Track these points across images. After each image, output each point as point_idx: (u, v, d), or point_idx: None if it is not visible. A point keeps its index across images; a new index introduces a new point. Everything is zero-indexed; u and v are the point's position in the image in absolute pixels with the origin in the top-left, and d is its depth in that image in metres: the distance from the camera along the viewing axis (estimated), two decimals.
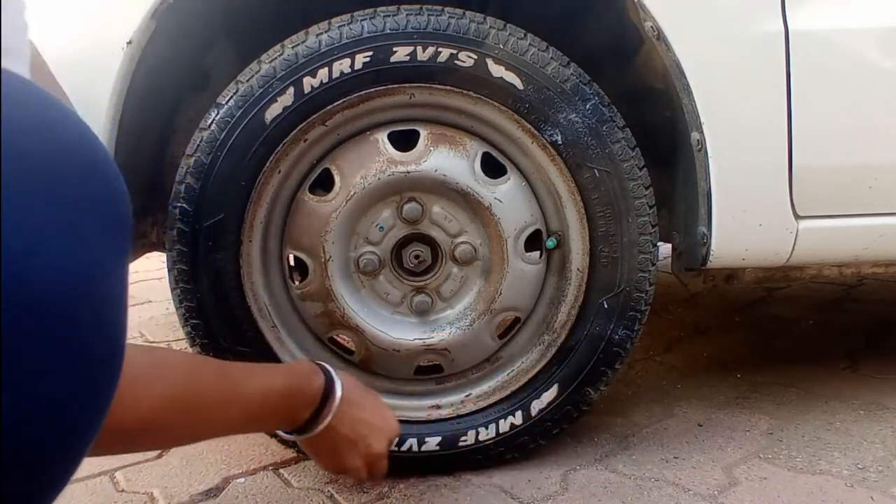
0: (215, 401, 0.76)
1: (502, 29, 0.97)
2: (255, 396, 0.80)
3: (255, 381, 0.82)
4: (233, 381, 0.80)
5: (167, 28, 0.98)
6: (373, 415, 0.92)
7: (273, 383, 0.83)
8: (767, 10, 0.98)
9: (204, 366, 0.81)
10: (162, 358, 0.76)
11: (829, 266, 1.12)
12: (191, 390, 0.72)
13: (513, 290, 1.04)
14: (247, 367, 0.86)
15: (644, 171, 1.02)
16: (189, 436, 0.79)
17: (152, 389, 0.67)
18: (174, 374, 0.71)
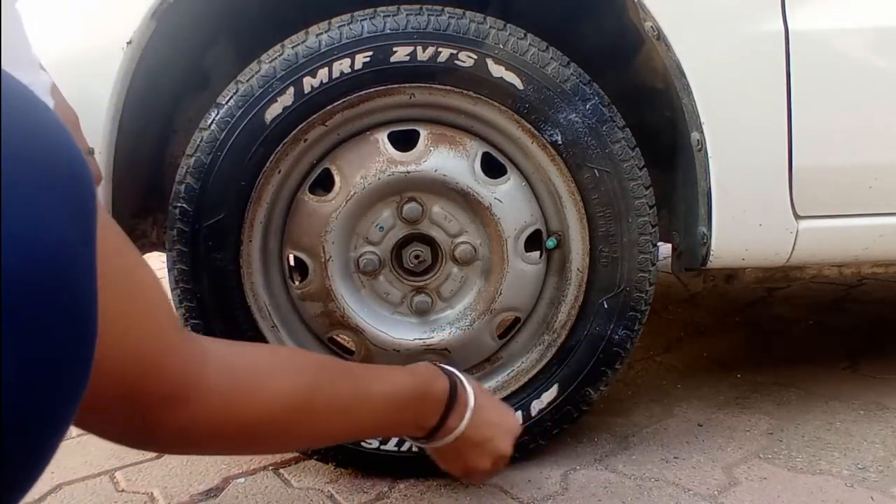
0: (341, 401, 0.72)
1: (502, 29, 0.97)
2: (382, 398, 0.77)
3: (382, 383, 0.78)
4: (360, 381, 0.76)
5: (167, 28, 0.98)
6: (497, 415, 0.89)
7: (401, 385, 0.79)
8: (767, 10, 0.98)
9: (330, 364, 0.77)
10: (285, 356, 0.73)
11: (829, 266, 1.12)
12: (316, 389, 0.69)
13: (513, 290, 1.04)
14: (372, 369, 0.83)
15: (644, 171, 1.02)
16: (311, 436, 0.75)
17: (275, 385, 0.64)
18: (299, 371, 0.68)
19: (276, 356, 0.71)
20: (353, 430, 0.78)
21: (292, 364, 0.69)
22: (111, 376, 0.50)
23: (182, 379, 0.56)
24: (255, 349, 0.72)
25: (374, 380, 0.77)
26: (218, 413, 0.60)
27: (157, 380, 0.54)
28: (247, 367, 0.63)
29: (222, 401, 0.60)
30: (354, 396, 0.74)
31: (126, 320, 0.50)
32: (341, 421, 0.73)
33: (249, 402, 0.62)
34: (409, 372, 0.82)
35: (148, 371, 0.53)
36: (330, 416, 0.71)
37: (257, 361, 0.65)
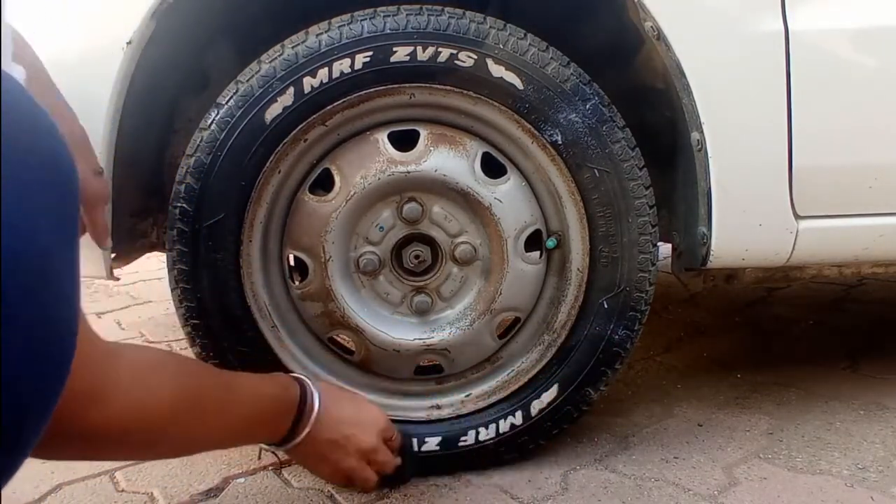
0: (214, 401, 0.76)
1: (502, 29, 0.97)
2: (248, 400, 0.81)
3: (247, 385, 0.82)
4: (228, 383, 0.80)
5: (167, 28, 0.98)
6: (353, 413, 0.93)
7: (262, 389, 0.84)
8: (767, 10, 0.98)
9: (210, 370, 0.82)
10: (178, 359, 0.77)
11: (829, 266, 1.12)
12: (192, 389, 0.72)
13: (513, 290, 1.04)
14: (235, 374, 0.87)
15: (644, 171, 1.02)
16: (183, 441, 0.78)
17: (176, 384, 0.68)
18: (176, 373, 0.72)
19: (170, 358, 0.75)
20: (224, 432, 0.81)
21: (185, 367, 0.74)
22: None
23: (95, 376, 0.58)
24: (153, 352, 0.76)
25: (238, 383, 0.82)
26: (128, 411, 0.62)
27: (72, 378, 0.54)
28: (152, 369, 0.67)
29: (130, 398, 0.63)
30: (224, 397, 0.78)
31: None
32: (213, 423, 0.77)
33: (154, 401, 0.65)
34: (268, 379, 0.88)
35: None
36: (210, 418, 0.76)
37: (159, 363, 0.69)
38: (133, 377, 0.64)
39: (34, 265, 0.37)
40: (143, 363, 0.68)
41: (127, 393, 0.63)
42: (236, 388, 0.81)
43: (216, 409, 0.77)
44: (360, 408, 0.95)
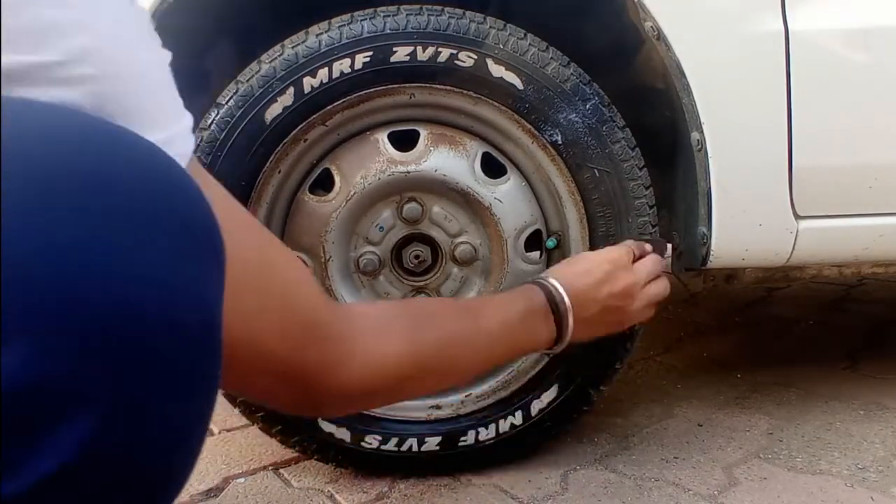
0: (461, 338, 0.75)
1: (502, 29, 0.97)
2: (497, 325, 0.79)
3: (492, 309, 0.81)
4: (471, 312, 0.79)
5: (167, 28, 0.98)
6: (591, 272, 0.89)
7: (509, 307, 0.82)
8: (767, 10, 0.97)
9: (450, 307, 0.81)
10: (414, 307, 0.78)
11: (829, 266, 1.12)
12: (432, 332, 0.71)
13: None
14: (478, 301, 0.87)
15: (644, 171, 1.02)
16: (451, 374, 0.77)
17: (414, 335, 0.68)
18: (413, 318, 0.71)
19: (406, 308, 0.76)
20: (481, 359, 0.80)
21: (421, 310, 0.74)
22: (270, 356, 0.54)
23: (334, 344, 0.60)
24: (388, 307, 0.77)
25: (487, 309, 0.80)
26: (372, 368, 0.63)
27: (311, 350, 0.58)
28: (387, 322, 0.68)
29: (374, 356, 0.64)
30: (476, 329, 0.77)
31: (280, 301, 0.54)
32: (472, 354, 0.76)
33: (395, 354, 0.66)
34: (514, 294, 0.86)
35: (301, 345, 0.57)
36: (459, 352, 0.75)
37: (393, 316, 0.70)
38: (369, 335, 0.65)
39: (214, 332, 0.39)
40: (376, 316, 0.68)
41: (362, 355, 0.63)
42: (482, 316, 0.79)
43: (463, 344, 0.75)
44: (595, 264, 0.90)
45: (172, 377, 0.36)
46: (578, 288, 0.87)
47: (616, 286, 0.89)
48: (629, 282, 0.90)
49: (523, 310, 0.82)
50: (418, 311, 0.74)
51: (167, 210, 0.37)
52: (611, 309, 0.89)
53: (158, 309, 0.34)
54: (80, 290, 0.32)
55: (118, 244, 0.34)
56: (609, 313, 0.89)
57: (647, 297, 0.93)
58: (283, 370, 0.57)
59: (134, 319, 0.33)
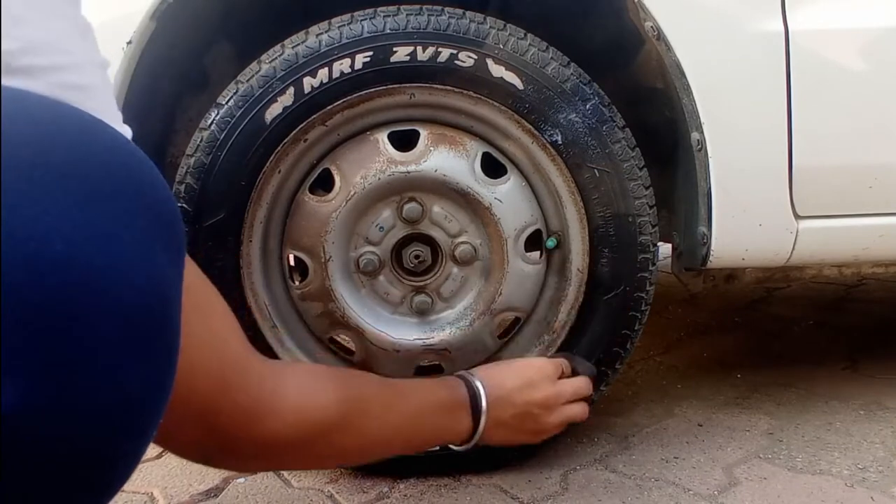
0: (381, 405, 0.76)
1: (502, 29, 0.97)
2: (416, 401, 0.82)
3: (413, 387, 0.84)
4: (394, 386, 0.81)
5: (167, 28, 0.98)
6: (517, 378, 0.92)
7: (430, 388, 0.85)
8: (767, 10, 0.98)
9: (364, 375, 0.84)
10: (322, 369, 0.79)
11: (829, 266, 1.12)
12: (357, 394, 0.73)
13: (513, 291, 1.04)
14: (400, 380, 0.88)
15: (644, 171, 1.02)
16: (357, 447, 0.78)
17: (317, 397, 0.68)
18: (340, 380, 0.73)
19: (334, 371, 0.78)
20: (393, 436, 0.81)
21: (349, 374, 0.77)
22: (193, 398, 0.54)
23: (262, 395, 0.61)
24: (317, 367, 0.80)
25: (409, 386, 0.83)
26: (293, 422, 0.64)
27: (235, 398, 0.58)
28: (313, 378, 0.70)
29: (295, 411, 0.64)
30: (397, 401, 0.79)
31: (205, 346, 0.55)
32: (388, 425, 0.78)
33: (319, 408, 0.67)
34: (436, 381, 0.89)
35: (227, 390, 0.57)
36: (379, 421, 0.76)
37: (321, 376, 0.71)
38: (298, 388, 0.66)
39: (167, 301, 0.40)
40: (305, 373, 0.70)
41: (293, 404, 0.64)
42: (403, 391, 0.82)
43: (384, 412, 0.77)
44: (520, 370, 0.94)
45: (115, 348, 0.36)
46: (500, 389, 0.90)
47: (536, 395, 0.91)
48: (550, 393, 0.92)
49: (444, 398, 0.86)
50: (345, 374, 0.77)
51: (129, 189, 0.38)
52: (527, 416, 0.91)
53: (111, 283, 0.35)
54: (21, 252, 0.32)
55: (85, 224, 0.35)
56: (525, 420, 0.92)
57: (564, 415, 0.95)
58: (206, 411, 0.56)
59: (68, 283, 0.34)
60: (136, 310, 0.36)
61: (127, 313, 0.36)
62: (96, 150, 0.37)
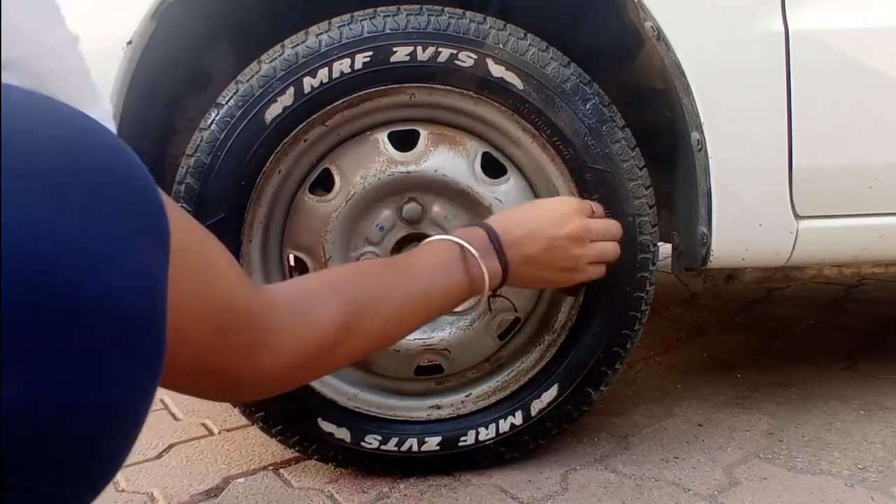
0: (379, 298, 0.73)
1: (502, 29, 0.97)
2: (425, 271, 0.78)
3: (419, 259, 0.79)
4: (392, 270, 0.77)
5: (167, 28, 0.98)
6: (535, 215, 0.88)
7: (434, 253, 0.81)
8: (767, 10, 0.97)
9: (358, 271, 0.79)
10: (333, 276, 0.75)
11: (829, 266, 1.12)
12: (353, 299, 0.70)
13: (513, 290, 1.03)
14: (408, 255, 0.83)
15: (644, 171, 1.01)
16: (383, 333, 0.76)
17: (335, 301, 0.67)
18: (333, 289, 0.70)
19: (325, 278, 0.74)
20: (415, 311, 0.77)
21: (339, 285, 0.72)
22: (194, 341, 0.54)
23: (257, 328, 0.60)
24: (307, 280, 0.75)
25: (415, 260, 0.79)
26: (292, 347, 0.63)
27: (235, 335, 0.58)
28: (305, 297, 0.67)
29: (293, 336, 0.63)
30: (402, 282, 0.75)
31: (200, 287, 0.54)
32: (400, 307, 0.75)
33: (316, 327, 0.65)
34: (439, 242, 0.83)
35: (225, 329, 0.57)
36: (388, 308, 0.73)
37: (312, 288, 0.69)
38: (292, 315, 0.64)
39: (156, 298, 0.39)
40: (298, 295, 0.68)
41: (290, 334, 0.63)
42: (405, 269, 0.77)
43: (387, 301, 0.74)
44: (546, 206, 0.90)
45: (107, 344, 0.36)
46: (524, 227, 0.85)
47: (564, 228, 0.87)
48: (578, 225, 0.88)
49: (449, 257, 0.81)
50: (338, 280, 0.72)
51: (114, 185, 0.38)
52: (557, 250, 0.87)
53: (88, 275, 0.35)
54: (14, 253, 0.32)
55: (61, 212, 0.34)
56: (555, 255, 0.87)
57: (598, 251, 0.91)
58: (204, 353, 0.57)
59: (61, 282, 0.34)
60: (128, 305, 0.36)
61: (119, 309, 0.36)
62: (79, 144, 0.37)
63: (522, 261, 0.85)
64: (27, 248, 0.33)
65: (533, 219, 0.87)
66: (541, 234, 0.86)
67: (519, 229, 0.85)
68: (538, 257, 0.86)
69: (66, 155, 0.36)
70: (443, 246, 0.82)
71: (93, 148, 0.38)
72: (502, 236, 0.84)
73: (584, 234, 0.89)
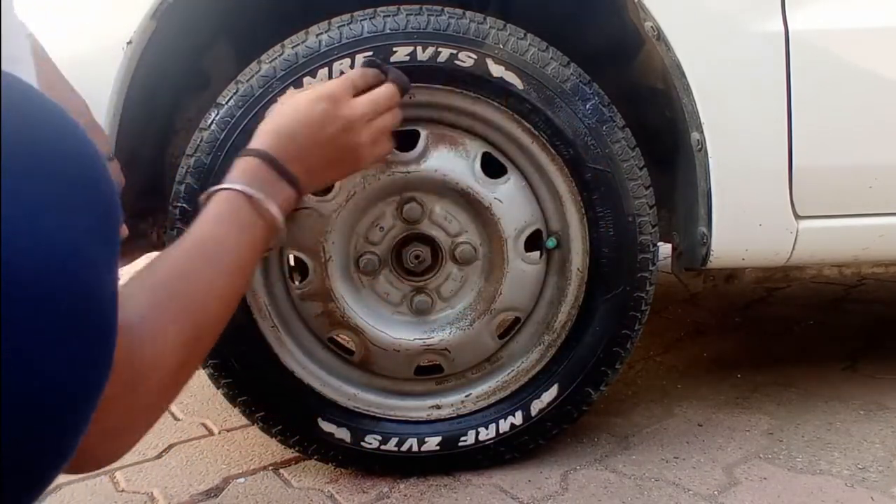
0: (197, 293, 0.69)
1: (502, 29, 0.97)
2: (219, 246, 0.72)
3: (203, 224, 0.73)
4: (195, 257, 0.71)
5: (167, 28, 0.98)
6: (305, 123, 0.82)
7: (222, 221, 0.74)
8: (767, 10, 0.98)
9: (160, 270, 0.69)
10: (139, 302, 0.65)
11: (829, 266, 1.12)
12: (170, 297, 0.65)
13: (513, 290, 1.04)
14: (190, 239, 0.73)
15: (644, 171, 1.02)
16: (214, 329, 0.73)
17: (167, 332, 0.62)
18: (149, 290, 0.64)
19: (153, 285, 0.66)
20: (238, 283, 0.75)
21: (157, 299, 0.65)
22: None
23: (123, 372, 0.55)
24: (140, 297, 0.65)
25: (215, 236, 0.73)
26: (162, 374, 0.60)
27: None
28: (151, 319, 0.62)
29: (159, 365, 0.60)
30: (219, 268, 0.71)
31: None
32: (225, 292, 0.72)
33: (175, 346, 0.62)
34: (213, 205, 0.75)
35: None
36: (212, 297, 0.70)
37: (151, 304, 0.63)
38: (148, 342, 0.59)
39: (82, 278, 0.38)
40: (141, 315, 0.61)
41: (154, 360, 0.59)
42: (212, 244, 0.72)
43: (207, 290, 0.70)
44: (298, 111, 0.83)
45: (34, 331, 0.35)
46: (294, 134, 0.80)
47: (331, 126, 0.82)
48: (344, 116, 0.83)
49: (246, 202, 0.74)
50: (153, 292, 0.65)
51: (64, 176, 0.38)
52: (333, 150, 0.82)
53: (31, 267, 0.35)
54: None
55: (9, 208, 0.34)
56: (334, 154, 0.83)
57: (374, 130, 0.86)
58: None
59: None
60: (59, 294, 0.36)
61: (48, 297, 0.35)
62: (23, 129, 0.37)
63: (306, 172, 0.80)
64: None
65: (298, 126, 0.81)
66: (311, 140, 0.81)
67: (291, 144, 0.80)
68: (318, 163, 0.82)
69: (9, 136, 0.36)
70: (231, 200, 0.75)
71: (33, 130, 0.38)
72: (279, 158, 0.79)
73: (350, 124, 0.84)
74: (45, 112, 0.39)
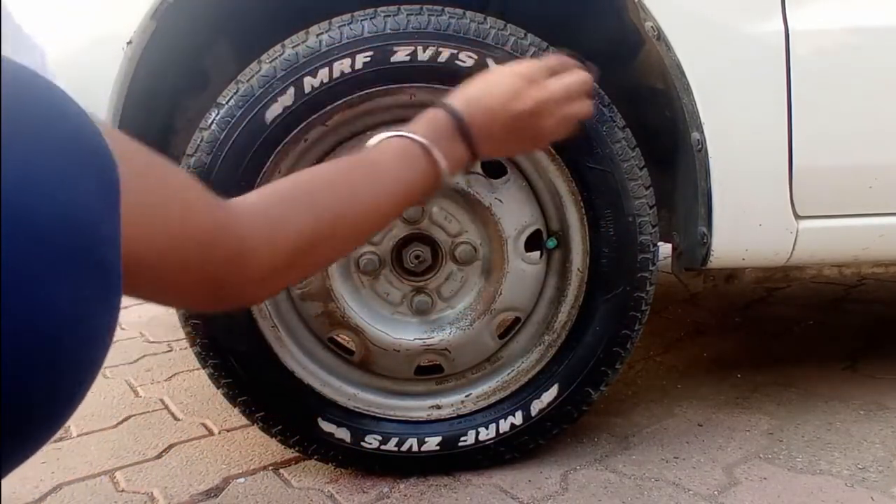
0: (345, 202, 0.71)
1: (503, 29, 0.97)
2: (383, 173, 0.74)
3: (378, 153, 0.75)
4: (354, 171, 0.74)
5: (167, 28, 0.98)
6: (500, 94, 0.82)
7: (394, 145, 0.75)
8: (767, 10, 0.98)
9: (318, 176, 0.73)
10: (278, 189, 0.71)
11: (829, 266, 1.12)
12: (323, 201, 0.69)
13: (513, 290, 1.04)
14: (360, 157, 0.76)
15: (644, 171, 1.02)
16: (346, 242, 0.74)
17: (285, 222, 0.66)
18: (301, 192, 0.69)
19: (298, 184, 0.71)
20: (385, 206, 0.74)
21: (312, 186, 0.70)
22: (171, 262, 0.55)
23: (233, 239, 0.61)
24: (279, 187, 0.72)
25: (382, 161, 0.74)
26: (269, 254, 0.64)
27: (217, 247, 0.59)
28: (278, 205, 0.67)
29: (268, 245, 0.64)
30: (367, 176, 0.73)
31: (164, 210, 0.55)
32: (374, 199, 0.73)
33: (289, 235, 0.65)
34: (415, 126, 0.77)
35: (206, 243, 0.58)
36: (360, 212, 0.72)
37: (283, 199, 0.68)
38: (264, 224, 0.65)
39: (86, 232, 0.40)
40: (268, 204, 0.67)
41: (263, 241, 0.64)
42: (376, 166, 0.73)
43: (353, 202, 0.71)
44: (491, 84, 0.83)
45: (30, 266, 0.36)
46: (486, 104, 0.80)
47: (520, 105, 0.82)
48: (536, 100, 0.83)
49: (409, 148, 0.75)
50: (301, 188, 0.70)
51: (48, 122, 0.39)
52: (518, 129, 0.82)
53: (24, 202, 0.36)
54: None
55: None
56: (518, 132, 0.83)
57: (563, 114, 0.85)
58: (193, 271, 0.58)
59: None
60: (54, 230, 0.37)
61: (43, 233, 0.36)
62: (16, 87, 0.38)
63: (487, 139, 0.80)
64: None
65: (490, 97, 0.82)
66: (499, 111, 0.81)
67: (479, 110, 0.80)
68: (500, 134, 0.82)
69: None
70: (406, 143, 0.76)
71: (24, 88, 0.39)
72: (467, 120, 0.79)
73: (541, 106, 0.83)
74: (37, 82, 0.41)
